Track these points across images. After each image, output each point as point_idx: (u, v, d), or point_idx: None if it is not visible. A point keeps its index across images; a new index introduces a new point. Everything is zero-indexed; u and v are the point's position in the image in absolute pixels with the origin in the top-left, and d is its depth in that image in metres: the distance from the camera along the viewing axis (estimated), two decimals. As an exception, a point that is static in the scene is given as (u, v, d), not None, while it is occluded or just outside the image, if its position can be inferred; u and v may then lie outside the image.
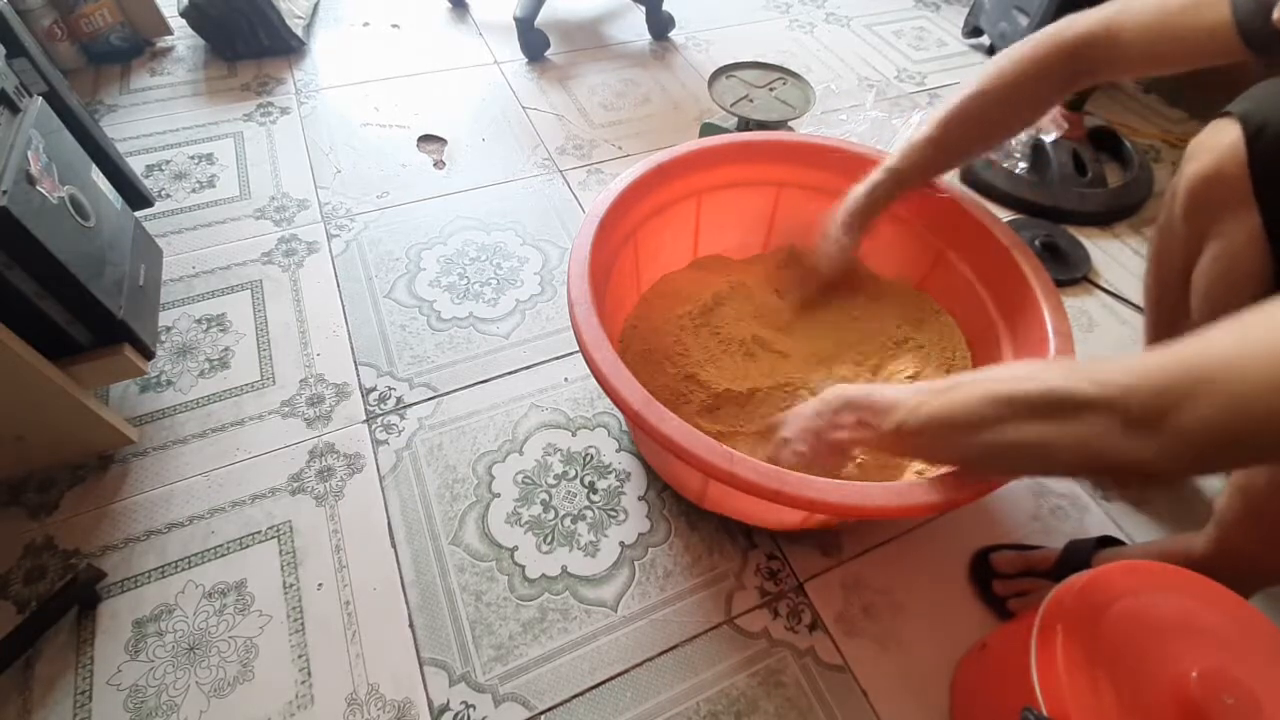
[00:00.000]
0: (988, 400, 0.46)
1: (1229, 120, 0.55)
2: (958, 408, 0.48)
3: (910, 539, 0.76)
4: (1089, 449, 0.42)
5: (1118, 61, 0.59)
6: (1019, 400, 0.44)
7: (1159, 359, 0.39)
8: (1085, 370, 0.42)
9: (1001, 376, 0.47)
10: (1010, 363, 0.48)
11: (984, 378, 0.48)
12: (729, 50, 1.46)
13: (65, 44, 1.25)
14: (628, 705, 0.64)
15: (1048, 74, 0.63)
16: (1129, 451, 0.40)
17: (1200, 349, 0.38)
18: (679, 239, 0.90)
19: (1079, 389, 0.41)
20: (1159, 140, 1.29)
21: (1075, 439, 0.42)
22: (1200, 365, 0.37)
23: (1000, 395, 0.45)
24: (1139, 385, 0.39)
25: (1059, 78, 0.63)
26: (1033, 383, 0.44)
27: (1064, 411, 0.42)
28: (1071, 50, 0.61)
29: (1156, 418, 0.38)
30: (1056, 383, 0.42)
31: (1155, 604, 0.49)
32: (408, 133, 1.23)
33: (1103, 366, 0.41)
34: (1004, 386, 0.45)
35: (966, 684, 0.65)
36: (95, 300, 0.67)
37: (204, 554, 0.72)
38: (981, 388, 0.47)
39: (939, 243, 0.82)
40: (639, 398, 0.58)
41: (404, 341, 0.92)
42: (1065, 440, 0.43)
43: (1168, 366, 0.38)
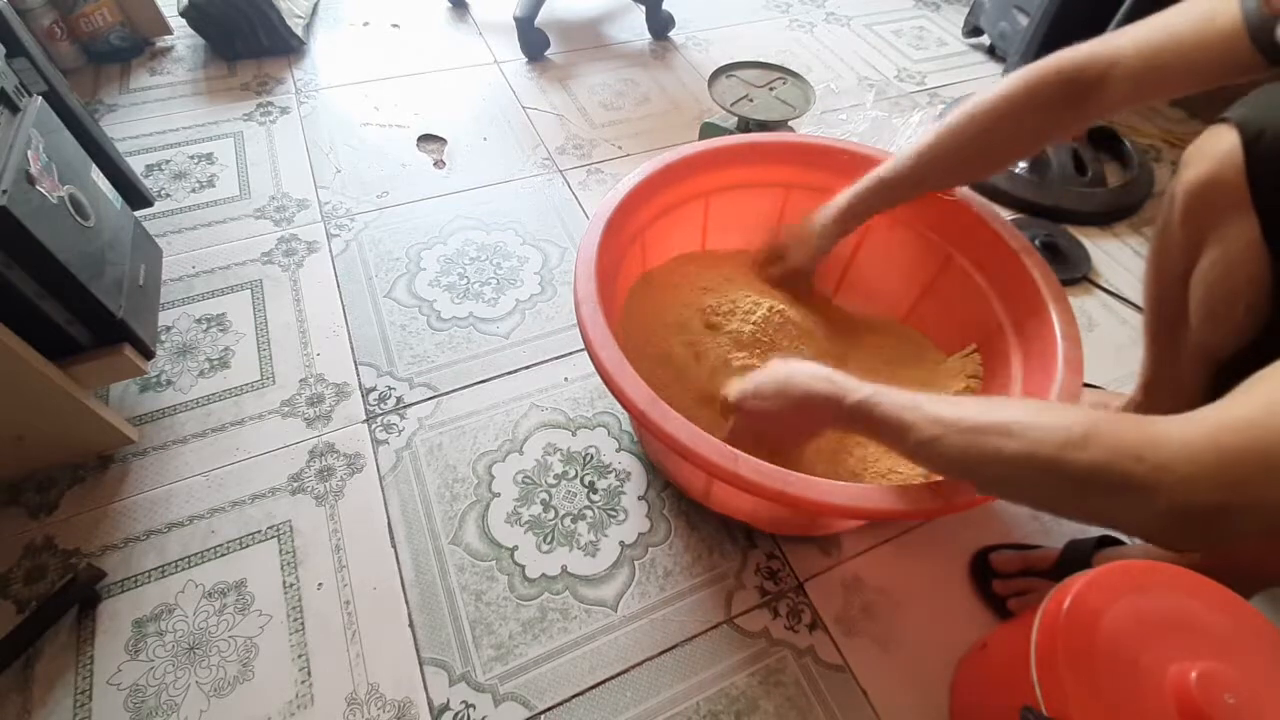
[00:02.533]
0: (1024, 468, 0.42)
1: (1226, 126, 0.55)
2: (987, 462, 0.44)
3: (910, 539, 0.76)
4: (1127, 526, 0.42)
5: (1122, 83, 0.57)
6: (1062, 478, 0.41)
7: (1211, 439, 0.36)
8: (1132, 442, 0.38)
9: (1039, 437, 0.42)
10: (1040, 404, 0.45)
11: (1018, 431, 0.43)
12: (729, 50, 1.46)
13: (65, 43, 1.24)
14: (628, 705, 0.64)
15: (1040, 98, 0.61)
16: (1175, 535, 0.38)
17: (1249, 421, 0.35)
18: (687, 240, 0.90)
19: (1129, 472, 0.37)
20: (1159, 140, 1.29)
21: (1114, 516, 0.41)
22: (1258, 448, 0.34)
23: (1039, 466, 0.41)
24: (1202, 474, 0.35)
25: (1053, 102, 0.60)
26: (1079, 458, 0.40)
27: (1110, 493, 0.39)
28: (1068, 74, 0.59)
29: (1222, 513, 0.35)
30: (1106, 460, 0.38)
31: (1155, 604, 0.49)
32: (408, 132, 1.23)
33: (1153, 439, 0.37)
34: (1043, 455, 0.41)
35: (966, 684, 0.65)
36: (95, 300, 0.67)
37: (204, 554, 0.72)
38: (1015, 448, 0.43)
39: (947, 246, 0.82)
40: (644, 396, 0.58)
41: (404, 341, 0.92)
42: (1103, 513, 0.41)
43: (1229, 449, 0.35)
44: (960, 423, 0.46)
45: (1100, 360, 0.92)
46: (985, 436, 0.44)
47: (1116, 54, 0.57)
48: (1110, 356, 0.94)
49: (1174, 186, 0.60)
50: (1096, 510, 0.41)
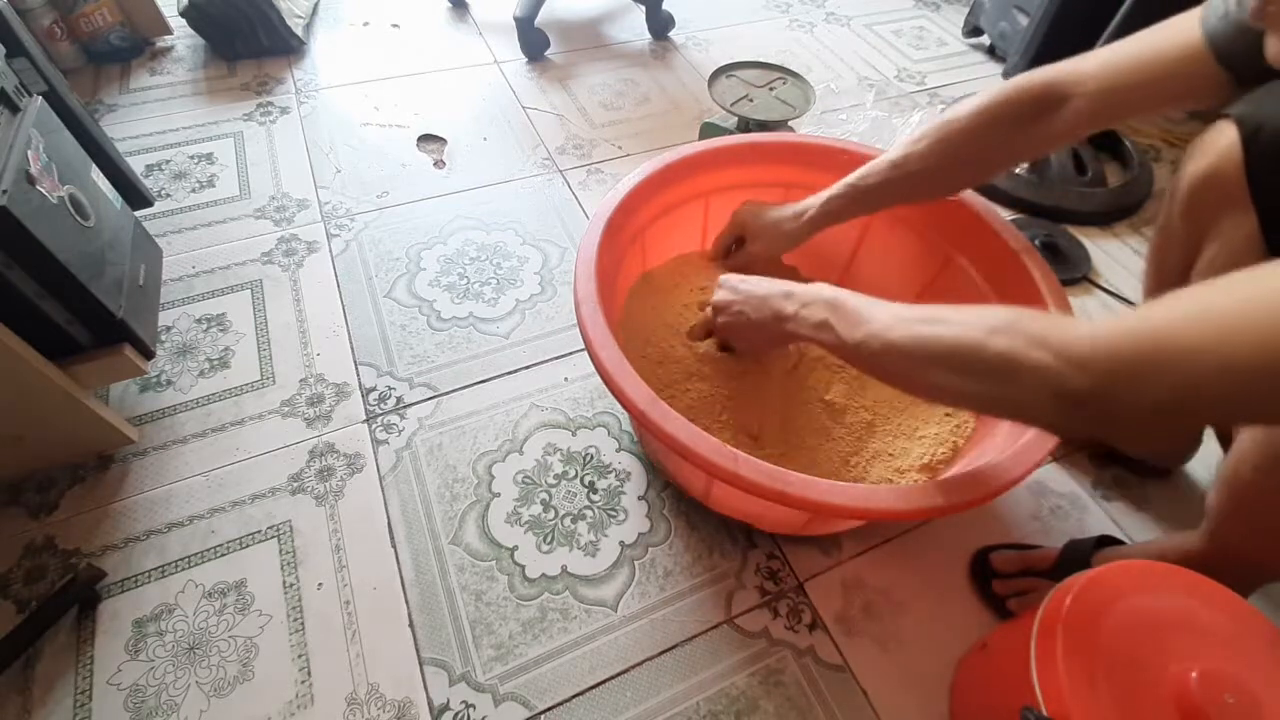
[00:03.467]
0: (951, 349, 0.46)
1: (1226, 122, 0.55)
2: (922, 345, 0.48)
3: (910, 539, 0.76)
4: (1014, 409, 0.46)
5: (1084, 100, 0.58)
6: (979, 359, 0.44)
7: (1113, 333, 0.39)
8: (1043, 331, 0.41)
9: (971, 323, 0.46)
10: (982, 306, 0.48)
11: (955, 319, 0.47)
12: (729, 50, 1.46)
13: (65, 43, 1.24)
14: (628, 705, 0.64)
15: (1011, 109, 0.62)
16: (1055, 418, 0.42)
17: (1152, 322, 0.37)
18: (687, 240, 0.90)
19: (1033, 358, 0.41)
20: (1159, 140, 1.29)
21: (1007, 400, 0.44)
22: (1155, 346, 0.37)
23: (965, 347, 0.45)
24: (1088, 359, 0.39)
25: (1024, 116, 0.61)
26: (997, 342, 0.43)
27: (1013, 378, 0.42)
28: (1037, 90, 0.60)
29: (1098, 395, 0.38)
30: (1016, 346, 0.42)
31: (1155, 604, 0.49)
32: (408, 132, 1.23)
33: (1062, 330, 0.41)
34: (970, 337, 0.45)
35: (966, 684, 0.65)
36: (95, 300, 0.67)
37: (204, 554, 0.72)
38: (948, 332, 0.47)
39: (947, 246, 0.82)
40: (644, 396, 0.58)
41: (404, 341, 0.92)
42: (1005, 398, 0.44)
43: (1121, 343, 0.38)
44: (911, 315, 0.50)
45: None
46: (927, 325, 0.48)
47: (1082, 75, 0.59)
48: (1110, 356, 0.94)
49: (1174, 182, 0.61)
50: (1003, 395, 0.44)
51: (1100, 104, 0.58)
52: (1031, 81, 0.61)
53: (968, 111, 0.64)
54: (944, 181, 0.70)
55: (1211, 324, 0.35)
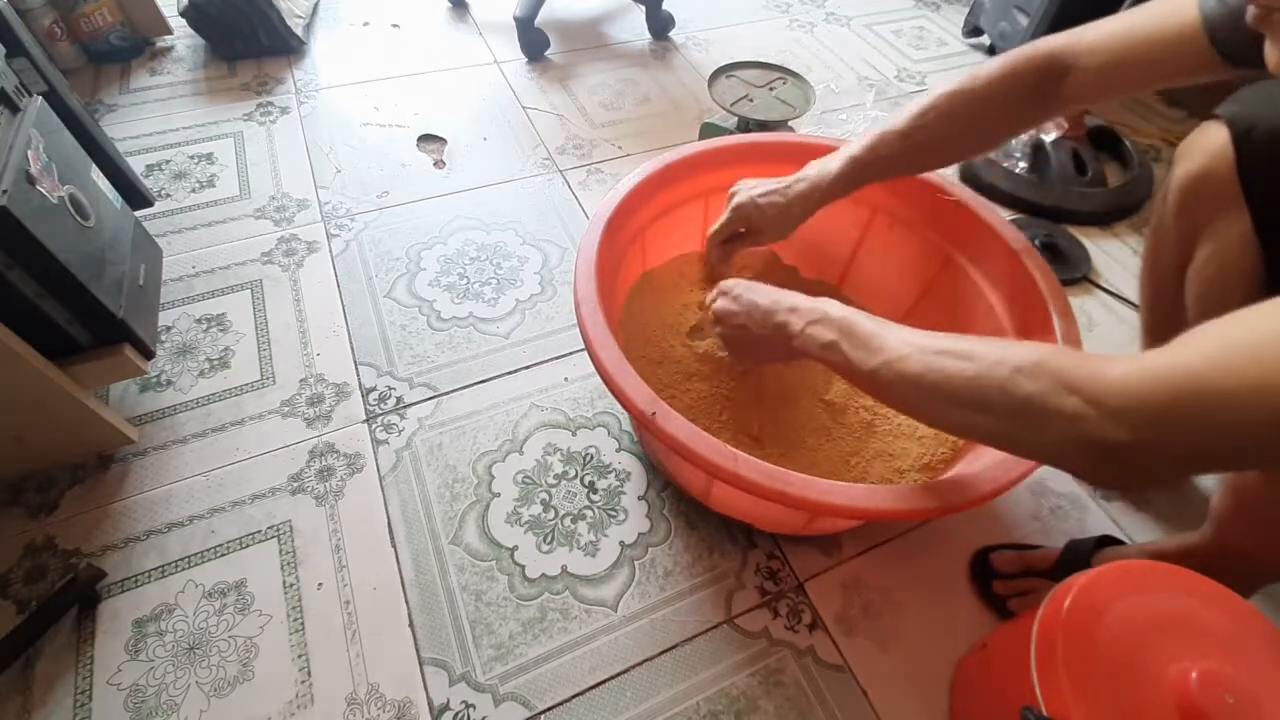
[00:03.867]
0: (974, 387, 0.44)
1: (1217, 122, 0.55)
2: (942, 381, 0.46)
3: (910, 539, 0.76)
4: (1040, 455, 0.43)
5: (1085, 74, 0.58)
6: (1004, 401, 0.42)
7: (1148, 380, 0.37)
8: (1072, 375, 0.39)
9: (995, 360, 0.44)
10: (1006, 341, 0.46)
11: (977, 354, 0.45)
12: (729, 50, 1.46)
13: (65, 43, 1.24)
14: (628, 705, 0.64)
15: (1017, 80, 0.61)
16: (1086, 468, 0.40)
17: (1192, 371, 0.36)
18: (687, 240, 0.90)
19: (1062, 404, 0.39)
20: (1159, 140, 1.29)
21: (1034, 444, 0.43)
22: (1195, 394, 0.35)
23: (988, 386, 0.43)
24: (1123, 410, 0.37)
25: (1029, 87, 0.61)
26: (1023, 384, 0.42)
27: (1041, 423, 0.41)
28: (1040, 61, 0.60)
29: (1135, 448, 0.37)
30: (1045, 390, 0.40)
31: (1155, 604, 0.49)
32: (408, 132, 1.23)
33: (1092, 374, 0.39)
34: (994, 376, 0.43)
35: (966, 684, 0.65)
36: (95, 300, 0.67)
37: (204, 554, 0.72)
38: (970, 369, 0.44)
39: (947, 246, 0.82)
40: (644, 396, 0.58)
41: (404, 341, 0.92)
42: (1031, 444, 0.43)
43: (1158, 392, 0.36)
44: (928, 345, 0.48)
45: (1100, 360, 0.92)
46: (946, 358, 0.46)
47: (1084, 47, 0.58)
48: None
49: (1168, 183, 0.61)
50: (1030, 439, 0.42)
51: (1100, 78, 0.58)
52: (1036, 52, 0.60)
53: (975, 83, 0.63)
54: (951, 152, 0.69)
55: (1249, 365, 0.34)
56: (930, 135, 0.65)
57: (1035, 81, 0.60)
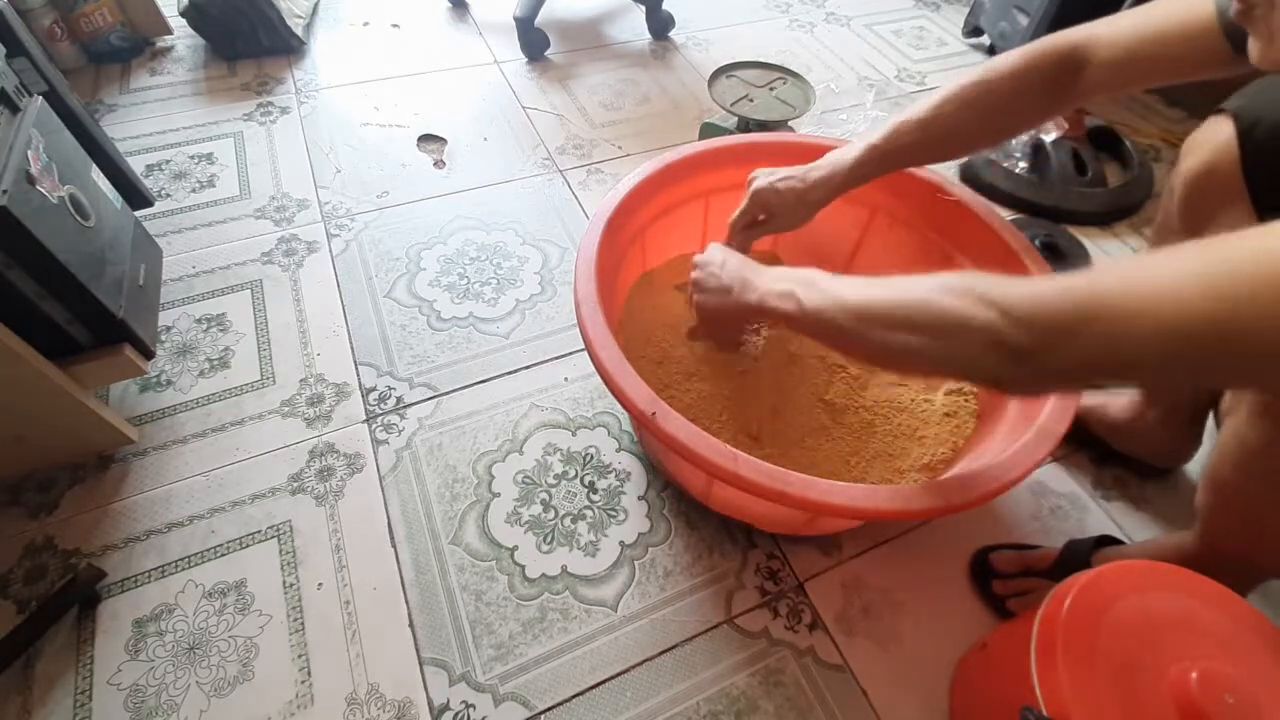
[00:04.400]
0: (902, 305, 0.47)
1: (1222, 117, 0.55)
2: (876, 303, 0.49)
3: (910, 539, 0.76)
4: (960, 365, 0.46)
5: (1102, 67, 0.59)
6: (927, 315, 0.45)
7: (1054, 292, 0.39)
8: (991, 290, 0.42)
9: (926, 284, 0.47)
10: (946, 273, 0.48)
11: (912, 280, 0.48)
12: (729, 50, 1.46)
13: (65, 43, 1.25)
14: (628, 705, 0.64)
15: (1036, 73, 0.62)
16: (997, 373, 0.42)
17: (1091, 284, 0.38)
18: (687, 240, 0.90)
19: (977, 314, 0.42)
20: (1159, 140, 1.29)
21: (953, 355, 0.45)
22: (1089, 302, 0.38)
23: (914, 303, 0.46)
24: (1029, 317, 0.40)
25: (1048, 79, 0.62)
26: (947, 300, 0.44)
27: (957, 333, 0.43)
28: (1060, 53, 0.61)
29: (1036, 351, 0.39)
30: (964, 304, 0.43)
31: (1155, 604, 0.49)
32: (408, 132, 1.23)
33: (1008, 289, 0.41)
34: (919, 294, 0.46)
35: (966, 684, 0.65)
36: (95, 300, 0.67)
37: (204, 554, 0.72)
38: (900, 292, 0.48)
39: (947, 245, 0.82)
40: (644, 396, 0.58)
41: (404, 341, 0.92)
42: (947, 353, 0.45)
43: (1060, 303, 0.39)
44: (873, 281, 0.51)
45: (1100, 360, 0.92)
46: (881, 287, 0.50)
47: (1101, 40, 0.59)
48: (1110, 356, 0.94)
49: (1173, 178, 0.61)
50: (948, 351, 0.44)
51: (1117, 71, 0.59)
52: (1055, 45, 0.61)
53: (994, 74, 0.64)
54: (969, 141, 0.70)
55: (1148, 286, 0.36)
56: (949, 125, 0.66)
57: (1054, 74, 0.61)
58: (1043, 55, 0.62)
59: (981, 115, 0.65)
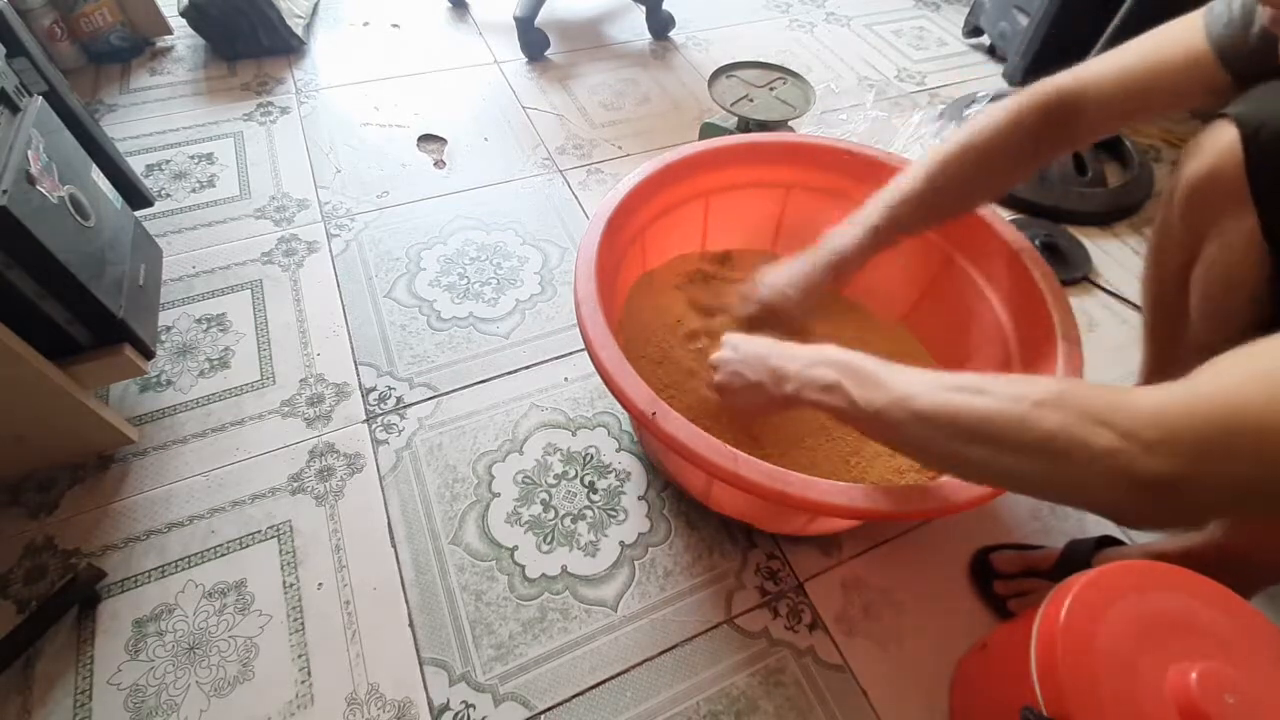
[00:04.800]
0: (992, 422, 0.42)
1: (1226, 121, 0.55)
2: (956, 417, 0.43)
3: (910, 539, 0.76)
4: (1071, 495, 0.41)
5: (1098, 109, 0.58)
6: (1027, 435, 0.40)
7: (1183, 409, 0.35)
8: (1101, 408, 0.37)
9: (1011, 394, 0.42)
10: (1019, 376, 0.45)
11: (993, 389, 0.43)
12: (729, 50, 1.46)
13: (65, 43, 1.24)
14: (628, 705, 0.64)
15: (1021, 129, 0.61)
16: (1122, 506, 0.38)
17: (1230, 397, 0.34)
18: (687, 240, 0.90)
19: (1093, 438, 0.37)
20: (1159, 140, 1.29)
21: (1063, 483, 0.40)
22: (1233, 419, 0.34)
23: (1008, 420, 0.41)
24: (1162, 443, 0.35)
25: (1035, 132, 0.61)
26: (1046, 416, 0.39)
27: (1071, 458, 0.38)
28: (1046, 103, 0.60)
29: (1176, 483, 0.35)
30: (1071, 423, 0.38)
31: (1155, 604, 0.49)
32: (408, 132, 1.23)
33: (1121, 406, 0.37)
34: (1014, 410, 0.41)
35: (966, 684, 0.65)
36: (95, 300, 0.67)
37: (204, 554, 0.72)
38: (988, 404, 0.42)
39: (947, 246, 0.82)
40: (644, 396, 0.58)
41: (404, 341, 0.92)
42: (1061, 482, 0.40)
43: (1196, 422, 0.35)
44: (938, 381, 0.46)
45: (1101, 360, 0.92)
46: (960, 394, 0.44)
47: (1090, 81, 0.59)
48: (1110, 356, 0.94)
49: (1174, 182, 0.61)
50: (1056, 476, 0.40)
51: (1110, 113, 0.58)
52: (1041, 95, 0.60)
53: (982, 136, 0.63)
54: (968, 203, 0.70)
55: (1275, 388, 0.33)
56: (945, 196, 0.66)
57: (1041, 126, 0.61)
58: (1029, 110, 0.61)
59: (975, 178, 0.65)
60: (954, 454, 0.44)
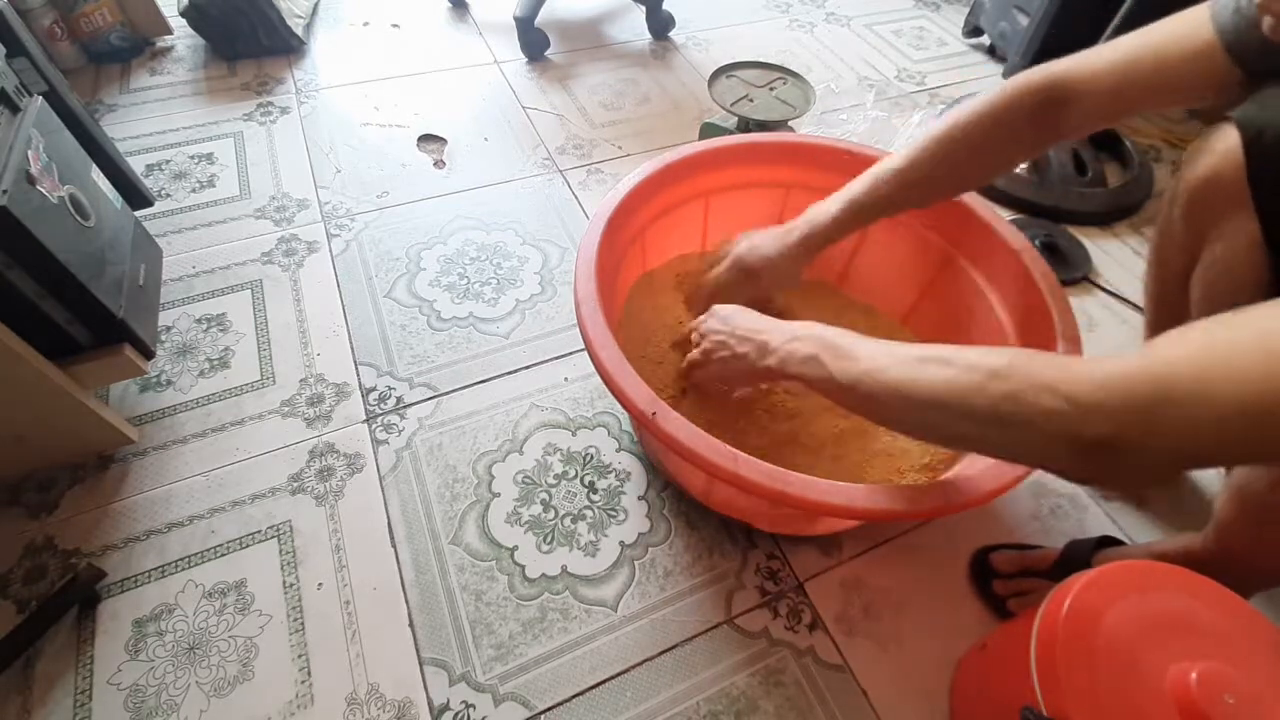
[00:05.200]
0: (952, 391, 0.45)
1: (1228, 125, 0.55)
2: (922, 387, 0.46)
3: (910, 539, 0.76)
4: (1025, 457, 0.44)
5: (1093, 99, 0.57)
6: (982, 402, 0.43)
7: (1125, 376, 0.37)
8: (1049, 375, 0.40)
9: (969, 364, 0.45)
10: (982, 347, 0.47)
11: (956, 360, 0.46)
12: (729, 50, 1.46)
13: (65, 43, 1.24)
14: (628, 705, 0.64)
15: (1011, 114, 0.60)
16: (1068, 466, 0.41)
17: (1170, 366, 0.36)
18: (687, 240, 0.90)
19: (1039, 401, 0.40)
20: (1159, 140, 1.29)
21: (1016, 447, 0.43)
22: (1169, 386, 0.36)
23: (966, 389, 0.44)
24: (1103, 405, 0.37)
25: (1026, 118, 0.60)
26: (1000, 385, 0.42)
27: (1019, 422, 0.41)
28: (1039, 89, 0.59)
29: (1113, 442, 0.37)
30: (1021, 389, 0.41)
31: (1155, 604, 0.49)
32: (408, 132, 1.23)
33: (1068, 372, 0.39)
34: (970, 379, 0.44)
35: (966, 684, 0.65)
36: (95, 300, 0.67)
37: (204, 554, 0.72)
38: (949, 373, 0.45)
39: (947, 246, 0.82)
40: (644, 396, 0.58)
41: (404, 341, 0.92)
42: (1013, 444, 0.43)
43: (1134, 387, 0.37)
44: (908, 354, 0.49)
45: (1100, 360, 0.92)
46: (926, 365, 0.47)
47: (1089, 73, 0.58)
48: (1110, 356, 0.94)
49: (1175, 185, 0.61)
50: (1007, 440, 0.43)
51: (1111, 103, 0.58)
52: (1032, 81, 0.60)
53: (971, 116, 0.62)
54: (951, 186, 0.69)
55: (1224, 363, 0.34)
56: (928, 175, 0.65)
57: (1033, 112, 0.60)
58: (1021, 95, 0.60)
59: (960, 162, 0.64)
60: (922, 422, 0.48)
